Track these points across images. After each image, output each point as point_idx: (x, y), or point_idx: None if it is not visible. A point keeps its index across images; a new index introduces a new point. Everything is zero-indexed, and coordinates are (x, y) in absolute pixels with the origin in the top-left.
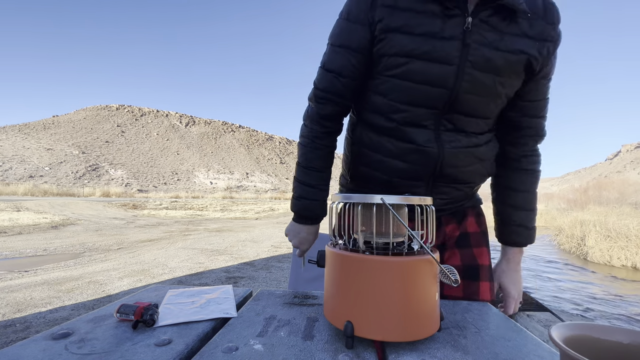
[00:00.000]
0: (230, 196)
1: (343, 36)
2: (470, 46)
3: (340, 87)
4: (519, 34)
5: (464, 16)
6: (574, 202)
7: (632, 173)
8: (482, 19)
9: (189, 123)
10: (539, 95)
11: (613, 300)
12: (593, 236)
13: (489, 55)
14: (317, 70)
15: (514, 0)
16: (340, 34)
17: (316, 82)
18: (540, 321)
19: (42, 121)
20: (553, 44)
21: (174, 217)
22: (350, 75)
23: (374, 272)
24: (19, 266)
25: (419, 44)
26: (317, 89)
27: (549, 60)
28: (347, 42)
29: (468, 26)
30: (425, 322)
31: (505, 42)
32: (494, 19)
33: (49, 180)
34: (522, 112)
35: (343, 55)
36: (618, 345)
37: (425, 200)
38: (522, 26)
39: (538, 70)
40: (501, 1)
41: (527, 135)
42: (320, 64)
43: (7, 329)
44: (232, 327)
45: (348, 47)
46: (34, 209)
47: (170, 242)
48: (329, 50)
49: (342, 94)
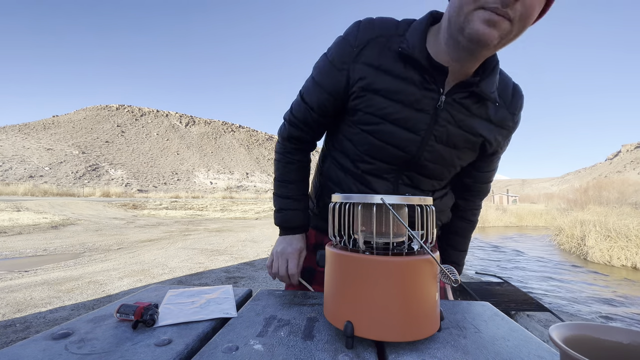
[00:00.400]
0: (230, 196)
1: (323, 75)
2: (438, 122)
3: (310, 120)
4: (484, 117)
5: (439, 92)
6: (574, 202)
7: (632, 173)
8: (455, 99)
9: (189, 123)
10: (490, 167)
11: (613, 300)
12: (593, 236)
13: (453, 132)
14: (297, 95)
15: (486, 90)
16: (321, 72)
17: (293, 106)
18: (540, 321)
19: (42, 121)
20: (508, 131)
21: (174, 217)
22: (322, 113)
23: (374, 272)
24: (19, 266)
25: (394, 110)
26: (292, 114)
27: (503, 145)
28: (324, 82)
29: (440, 104)
30: (425, 322)
31: (469, 123)
32: (466, 101)
33: (49, 180)
34: (474, 179)
35: (319, 92)
36: (618, 345)
37: (426, 200)
38: (489, 110)
39: (491, 152)
40: (475, 89)
41: (476, 195)
42: (300, 91)
43: (7, 329)
44: (232, 327)
45: (325, 87)
46: (34, 209)
47: (170, 242)
48: (310, 82)
49: (311, 126)
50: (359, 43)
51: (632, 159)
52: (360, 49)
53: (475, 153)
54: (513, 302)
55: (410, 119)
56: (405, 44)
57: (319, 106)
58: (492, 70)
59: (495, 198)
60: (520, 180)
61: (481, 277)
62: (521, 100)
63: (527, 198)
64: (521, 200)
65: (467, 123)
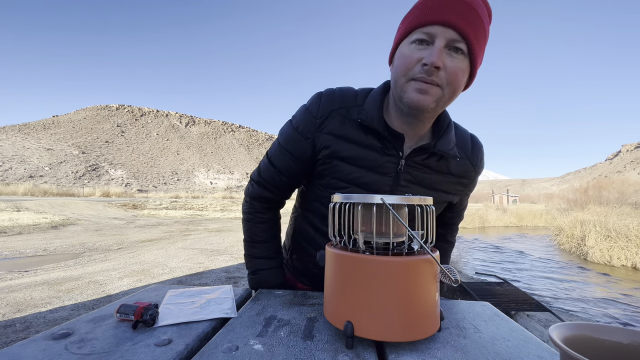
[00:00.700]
0: (230, 196)
1: (289, 142)
2: (400, 183)
3: (279, 181)
4: (445, 172)
5: (398, 157)
6: (574, 202)
7: (632, 173)
8: (415, 161)
9: (189, 123)
10: (460, 206)
11: (613, 300)
12: (593, 236)
13: (416, 190)
14: (264, 156)
15: (445, 148)
16: (287, 139)
17: (261, 167)
18: (540, 321)
19: (42, 121)
20: (471, 180)
21: (174, 217)
22: (289, 176)
23: (374, 272)
24: (19, 266)
25: (360, 175)
26: (260, 175)
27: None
28: (291, 148)
29: (401, 168)
30: (425, 322)
31: (431, 180)
32: (427, 161)
33: (49, 180)
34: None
35: (286, 157)
36: (618, 345)
37: (426, 200)
38: (450, 165)
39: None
40: (434, 150)
41: (451, 225)
42: (267, 154)
43: (7, 329)
44: (232, 327)
45: (291, 153)
46: (34, 209)
47: (170, 242)
48: (276, 147)
49: (280, 187)
50: (321, 114)
51: (632, 159)
52: (323, 119)
53: (442, 205)
54: (513, 302)
55: (375, 182)
56: (363, 115)
57: (286, 169)
58: (446, 129)
59: (495, 198)
60: (520, 180)
61: (481, 277)
62: (481, 151)
63: (527, 198)
64: (521, 200)
65: (428, 181)
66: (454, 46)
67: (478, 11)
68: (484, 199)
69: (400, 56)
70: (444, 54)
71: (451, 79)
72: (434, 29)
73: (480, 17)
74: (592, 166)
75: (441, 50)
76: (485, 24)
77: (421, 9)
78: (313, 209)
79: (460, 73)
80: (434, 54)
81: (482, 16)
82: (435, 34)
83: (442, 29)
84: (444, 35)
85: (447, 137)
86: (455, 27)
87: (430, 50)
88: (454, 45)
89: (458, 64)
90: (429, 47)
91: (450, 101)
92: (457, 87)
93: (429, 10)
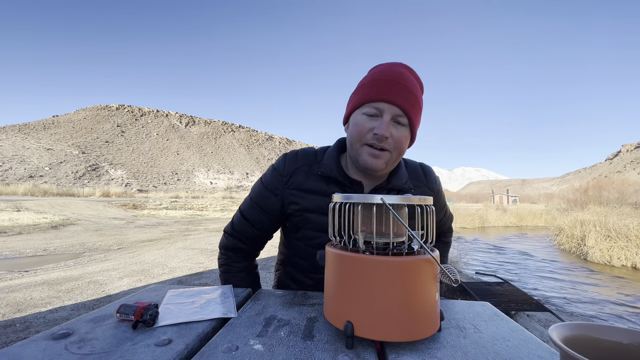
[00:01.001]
0: (230, 196)
1: (259, 198)
2: None
3: (251, 233)
4: None
5: None
6: (574, 202)
7: (632, 173)
8: None
9: (189, 123)
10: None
11: (613, 300)
12: (593, 236)
13: None
14: (237, 211)
15: (399, 183)
16: (258, 196)
17: (234, 221)
18: (540, 321)
19: (42, 121)
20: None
21: (174, 217)
22: (261, 229)
23: (374, 272)
24: (19, 266)
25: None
26: (233, 229)
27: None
28: (262, 204)
29: None
30: (425, 322)
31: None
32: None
33: (49, 180)
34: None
35: (258, 212)
36: (618, 345)
37: (426, 200)
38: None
39: None
40: (389, 186)
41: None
42: (240, 209)
43: (7, 329)
44: (232, 327)
45: (262, 208)
46: (34, 209)
47: (170, 242)
48: (248, 203)
49: (252, 239)
50: (287, 172)
51: (632, 159)
52: (289, 177)
53: None
54: (513, 302)
55: None
56: (323, 168)
57: (258, 222)
58: (397, 167)
59: (495, 198)
60: (520, 180)
61: (481, 277)
62: (432, 174)
63: (527, 198)
64: (521, 200)
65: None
66: (398, 120)
67: (415, 92)
68: (484, 199)
69: (355, 124)
70: (390, 125)
71: (397, 145)
72: (382, 105)
73: (417, 97)
74: (592, 166)
75: (388, 123)
76: (420, 101)
77: (372, 88)
78: (294, 265)
79: (404, 140)
80: (382, 126)
81: (417, 96)
82: (383, 109)
83: (389, 106)
84: (390, 111)
85: (399, 174)
86: (398, 105)
87: (380, 123)
88: (397, 119)
89: (402, 133)
90: (379, 119)
91: (397, 161)
92: (401, 151)
93: (379, 90)
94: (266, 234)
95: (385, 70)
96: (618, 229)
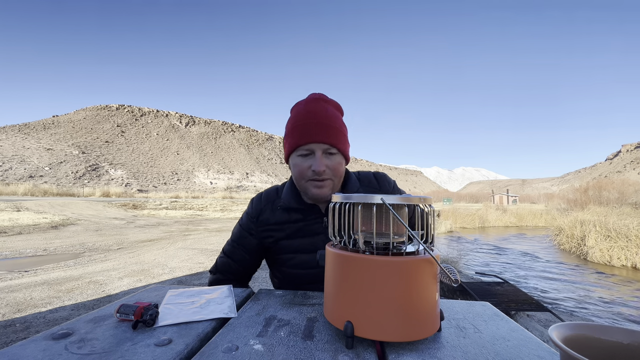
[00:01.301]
0: (230, 196)
1: (239, 238)
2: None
3: (235, 269)
4: None
5: (321, 215)
6: (574, 202)
7: (632, 173)
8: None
9: (189, 123)
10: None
11: (613, 300)
12: (593, 236)
13: None
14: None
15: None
16: (238, 236)
17: (218, 262)
18: (540, 321)
19: (42, 121)
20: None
21: (174, 217)
22: (244, 265)
23: (374, 272)
24: (19, 266)
25: (300, 242)
26: (217, 268)
27: None
28: (241, 243)
29: (325, 224)
30: (425, 322)
31: None
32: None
33: (49, 180)
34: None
35: (239, 250)
36: (618, 345)
37: (426, 200)
38: None
39: None
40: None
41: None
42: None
43: (7, 329)
44: (232, 327)
45: (243, 246)
46: (34, 209)
47: (170, 242)
48: (230, 244)
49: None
50: (255, 214)
51: (632, 159)
52: (257, 216)
53: None
54: (513, 302)
55: (312, 243)
56: (282, 202)
57: (240, 260)
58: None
59: (495, 198)
60: (520, 180)
61: (481, 277)
62: (385, 178)
63: (527, 198)
64: (521, 200)
65: None
66: (328, 152)
67: (335, 125)
68: (484, 199)
69: (294, 166)
70: (323, 159)
71: (334, 172)
72: (312, 146)
73: (338, 128)
74: (592, 166)
75: (321, 158)
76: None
77: (300, 133)
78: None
79: (339, 165)
80: (317, 163)
81: (338, 126)
82: (313, 149)
83: (317, 145)
84: (319, 148)
85: (350, 184)
86: (324, 142)
87: (314, 160)
88: (328, 152)
89: (335, 161)
90: (312, 156)
91: (340, 183)
92: (340, 174)
93: (305, 135)
94: (249, 269)
95: (306, 114)
96: (618, 229)
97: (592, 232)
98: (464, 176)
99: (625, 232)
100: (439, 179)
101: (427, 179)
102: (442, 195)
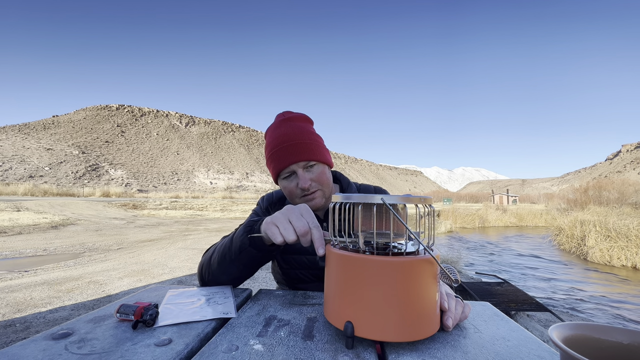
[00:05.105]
0: (230, 196)
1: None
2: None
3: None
4: None
5: (321, 224)
6: (574, 202)
7: (632, 173)
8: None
9: (189, 123)
10: None
11: (613, 300)
12: (593, 236)
13: None
14: None
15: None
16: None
17: None
18: (540, 321)
19: (42, 121)
20: None
21: (174, 217)
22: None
23: (374, 272)
24: (19, 266)
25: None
26: None
27: None
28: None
29: (324, 228)
30: (425, 322)
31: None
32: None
33: (49, 180)
34: None
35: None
36: (618, 345)
37: (426, 200)
38: None
39: None
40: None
41: None
42: None
43: (7, 329)
44: (232, 327)
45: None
46: (34, 209)
47: (170, 242)
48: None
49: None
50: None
51: (632, 159)
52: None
53: None
54: (513, 302)
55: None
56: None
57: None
58: (347, 187)
59: (495, 198)
60: (520, 180)
61: (481, 277)
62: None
63: (527, 198)
64: (521, 200)
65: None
66: (309, 166)
67: (307, 142)
68: (484, 199)
69: (284, 188)
70: (305, 175)
71: (320, 182)
72: (291, 167)
73: (311, 142)
74: (592, 166)
75: (303, 174)
76: (315, 141)
77: (278, 158)
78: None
79: (322, 174)
80: (301, 181)
81: (311, 140)
82: (294, 169)
83: (296, 165)
84: (299, 166)
85: (349, 191)
86: (301, 160)
87: (298, 179)
88: (308, 166)
89: (317, 171)
90: (295, 176)
91: (329, 188)
92: (326, 180)
93: (282, 159)
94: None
95: (277, 139)
96: (618, 229)
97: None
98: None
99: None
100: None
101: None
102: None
